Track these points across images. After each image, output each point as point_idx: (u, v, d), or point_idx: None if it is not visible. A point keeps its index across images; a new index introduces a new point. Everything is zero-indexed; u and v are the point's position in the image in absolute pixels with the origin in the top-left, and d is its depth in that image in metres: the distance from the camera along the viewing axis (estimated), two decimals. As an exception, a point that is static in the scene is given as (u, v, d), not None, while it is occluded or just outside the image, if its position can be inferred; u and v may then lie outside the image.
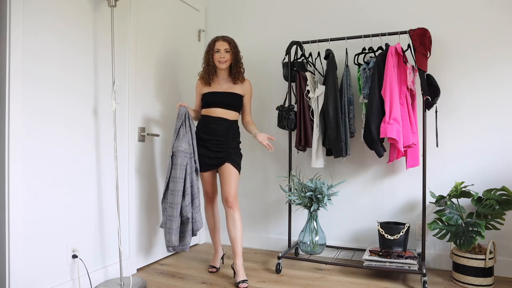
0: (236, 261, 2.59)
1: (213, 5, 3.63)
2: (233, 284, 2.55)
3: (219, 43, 2.64)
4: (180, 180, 2.51)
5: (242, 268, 2.57)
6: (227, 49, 2.63)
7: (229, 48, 2.64)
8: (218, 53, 2.63)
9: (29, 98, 2.06)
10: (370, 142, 2.63)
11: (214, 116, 2.65)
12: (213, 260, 2.87)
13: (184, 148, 2.54)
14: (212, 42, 2.66)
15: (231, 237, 2.62)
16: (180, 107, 2.62)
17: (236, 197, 2.63)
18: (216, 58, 2.64)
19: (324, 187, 2.66)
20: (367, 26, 3.00)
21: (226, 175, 2.62)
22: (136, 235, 2.80)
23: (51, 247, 2.18)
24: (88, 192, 2.42)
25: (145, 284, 2.52)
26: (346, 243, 3.12)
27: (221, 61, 2.63)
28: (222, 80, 2.72)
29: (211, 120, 2.65)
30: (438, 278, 2.63)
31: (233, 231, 2.60)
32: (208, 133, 2.64)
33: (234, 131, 2.70)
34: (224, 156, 2.64)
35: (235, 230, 2.60)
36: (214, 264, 2.84)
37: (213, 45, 2.65)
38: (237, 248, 2.60)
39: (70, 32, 2.29)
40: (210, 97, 2.67)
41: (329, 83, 2.74)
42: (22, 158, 2.02)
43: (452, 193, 2.53)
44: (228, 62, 2.65)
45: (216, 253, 2.88)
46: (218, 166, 2.67)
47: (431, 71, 2.69)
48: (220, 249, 2.90)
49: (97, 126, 2.49)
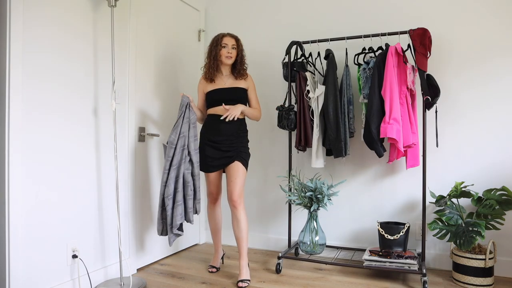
0: (241, 261, 2.58)
1: (213, 5, 3.63)
2: (234, 284, 2.55)
3: (226, 39, 2.63)
4: (165, 171, 2.52)
5: (245, 268, 2.57)
6: (234, 46, 2.64)
7: (236, 45, 2.65)
8: (225, 48, 2.62)
9: (28, 98, 2.06)
10: (370, 142, 2.63)
11: (222, 114, 2.61)
12: (213, 260, 2.87)
13: (171, 139, 2.52)
14: (220, 37, 2.64)
15: (236, 237, 2.61)
16: (183, 97, 2.60)
17: (241, 196, 2.60)
18: (223, 53, 2.62)
19: (324, 187, 2.66)
20: (367, 26, 3.00)
21: (234, 173, 2.59)
22: (136, 235, 2.80)
23: (51, 247, 2.18)
24: (88, 192, 2.42)
25: (145, 284, 2.52)
26: (346, 243, 3.12)
27: (228, 56, 2.62)
28: (225, 76, 2.70)
29: (219, 119, 2.60)
30: (438, 278, 2.63)
31: (237, 232, 2.59)
32: (218, 134, 2.61)
33: (243, 128, 2.69)
34: (234, 154, 2.61)
35: (239, 230, 2.58)
36: (214, 264, 2.84)
37: (220, 40, 2.62)
38: (241, 248, 2.59)
39: (70, 32, 2.29)
40: (217, 95, 2.64)
41: (329, 83, 2.74)
42: (22, 158, 2.02)
43: (452, 193, 2.53)
44: (233, 58, 2.64)
45: (216, 253, 2.87)
46: (226, 165, 2.63)
47: (431, 71, 2.69)
48: (220, 249, 2.89)
49: (97, 126, 2.49)
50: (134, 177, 2.78)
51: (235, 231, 2.61)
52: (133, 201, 2.77)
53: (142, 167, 2.87)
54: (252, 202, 3.44)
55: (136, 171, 2.80)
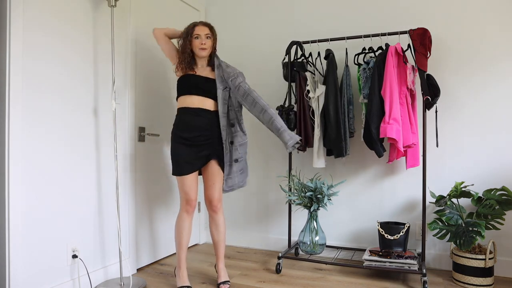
0: (220, 264, 2.53)
1: (213, 5, 3.63)
2: (234, 283, 2.54)
3: (199, 28, 2.37)
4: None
5: (224, 270, 2.54)
6: (208, 35, 2.39)
7: (210, 34, 2.40)
8: (198, 39, 2.37)
9: (28, 98, 2.06)
10: (370, 142, 2.63)
11: (192, 107, 2.36)
12: (182, 278, 2.43)
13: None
14: (191, 27, 2.39)
15: (214, 241, 2.52)
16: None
17: (221, 200, 2.46)
18: (197, 44, 2.36)
19: (324, 187, 2.66)
20: (367, 26, 3.00)
21: (212, 176, 2.41)
22: (136, 235, 2.80)
23: (51, 247, 2.18)
24: (88, 191, 2.42)
25: (145, 284, 2.52)
26: (346, 243, 3.12)
27: (202, 47, 2.36)
28: (201, 68, 2.44)
29: (190, 112, 2.36)
30: (438, 278, 2.63)
31: (217, 235, 2.50)
32: (190, 129, 2.34)
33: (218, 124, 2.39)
34: (210, 152, 2.38)
35: (219, 234, 2.49)
36: (185, 283, 2.42)
37: (192, 31, 2.37)
38: (220, 252, 2.52)
39: (70, 32, 2.29)
40: (188, 81, 2.37)
41: (329, 83, 2.74)
42: (22, 158, 2.02)
43: (452, 193, 2.53)
44: (209, 49, 2.40)
45: (185, 271, 2.46)
46: (203, 165, 2.41)
47: (431, 71, 2.69)
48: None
49: (97, 126, 2.49)
50: (134, 177, 2.78)
51: (213, 235, 2.51)
52: (133, 201, 2.77)
53: (142, 167, 2.87)
54: (252, 202, 3.44)
55: (136, 171, 2.80)
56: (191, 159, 2.35)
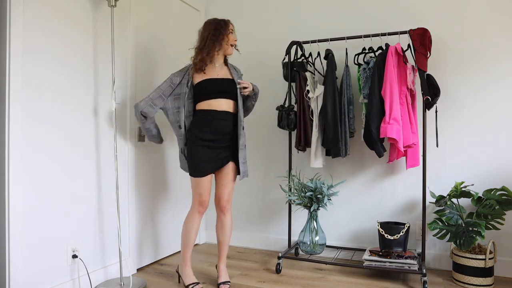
0: (221, 264, 2.53)
1: (213, 5, 3.63)
2: (235, 283, 2.55)
3: (231, 25, 2.39)
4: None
5: (225, 270, 2.54)
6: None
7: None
8: (233, 34, 2.38)
9: (28, 98, 2.06)
10: (370, 142, 2.63)
11: (220, 110, 2.34)
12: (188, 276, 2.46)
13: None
14: (225, 22, 2.36)
15: (219, 241, 2.52)
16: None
17: (230, 201, 2.48)
18: (232, 39, 2.37)
19: (324, 187, 2.66)
20: (367, 26, 3.00)
21: (226, 176, 2.43)
22: (136, 235, 2.80)
23: (51, 247, 2.19)
24: (88, 191, 2.42)
25: (145, 284, 2.52)
26: (346, 243, 3.11)
27: (234, 43, 2.39)
28: (218, 67, 2.41)
29: (218, 115, 2.33)
30: (438, 278, 2.63)
31: (222, 236, 2.50)
32: (216, 132, 2.33)
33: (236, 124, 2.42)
34: (229, 154, 2.40)
35: (224, 235, 2.50)
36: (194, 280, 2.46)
37: (226, 26, 2.35)
38: (224, 253, 2.53)
39: (70, 32, 2.29)
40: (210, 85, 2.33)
41: (328, 83, 2.74)
42: (22, 158, 2.02)
43: (452, 193, 2.53)
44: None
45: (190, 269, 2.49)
46: (221, 167, 2.41)
47: (431, 71, 2.69)
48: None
49: (97, 126, 2.49)
50: (134, 177, 2.78)
51: (219, 235, 2.51)
52: (133, 201, 2.76)
53: (142, 167, 2.87)
54: (252, 202, 3.44)
55: (136, 170, 2.80)
56: (211, 161, 2.34)
